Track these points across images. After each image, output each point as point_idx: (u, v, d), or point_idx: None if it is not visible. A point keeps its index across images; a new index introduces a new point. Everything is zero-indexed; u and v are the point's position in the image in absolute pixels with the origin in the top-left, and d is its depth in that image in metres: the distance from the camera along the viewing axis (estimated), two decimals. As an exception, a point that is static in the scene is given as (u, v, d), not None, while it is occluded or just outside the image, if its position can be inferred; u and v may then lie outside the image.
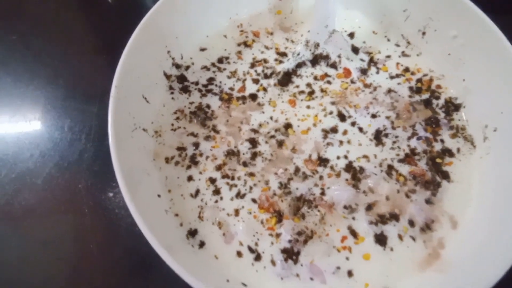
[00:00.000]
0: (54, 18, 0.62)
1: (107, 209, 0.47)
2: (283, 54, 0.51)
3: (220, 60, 0.50)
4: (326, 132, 0.46)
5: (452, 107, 0.48)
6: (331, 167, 0.44)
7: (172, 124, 0.45)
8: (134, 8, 0.63)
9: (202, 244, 0.39)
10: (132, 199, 0.34)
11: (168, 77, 0.46)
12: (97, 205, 0.47)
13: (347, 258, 0.40)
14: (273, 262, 0.39)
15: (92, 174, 0.49)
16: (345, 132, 0.46)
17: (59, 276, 0.44)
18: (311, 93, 0.48)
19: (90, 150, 0.51)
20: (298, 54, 0.50)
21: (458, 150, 0.45)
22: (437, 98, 0.48)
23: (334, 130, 0.46)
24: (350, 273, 0.39)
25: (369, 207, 0.42)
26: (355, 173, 0.43)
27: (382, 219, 0.41)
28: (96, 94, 0.55)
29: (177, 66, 0.48)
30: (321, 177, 0.43)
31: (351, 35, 0.52)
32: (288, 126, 0.46)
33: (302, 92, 0.48)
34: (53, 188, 0.48)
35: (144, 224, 0.33)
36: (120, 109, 0.37)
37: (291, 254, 0.39)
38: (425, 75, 0.50)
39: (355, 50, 0.51)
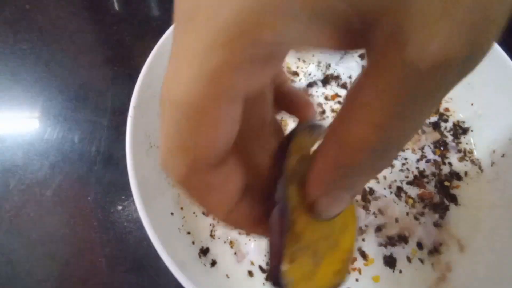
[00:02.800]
0: (64, 28, 0.62)
1: (116, 222, 0.47)
2: (295, 74, 0.51)
3: (233, 78, 0.50)
4: (337, 154, 0.46)
5: (460, 130, 0.49)
6: (342, 188, 0.44)
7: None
8: (141, 16, 0.64)
9: (213, 263, 0.39)
10: (149, 218, 0.34)
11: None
12: (106, 218, 0.47)
13: (357, 280, 0.40)
14: (283, 282, 0.39)
15: (101, 187, 0.49)
16: (356, 154, 0.46)
17: (67, 290, 0.44)
18: (322, 113, 0.49)
19: (100, 163, 0.51)
20: (310, 74, 0.50)
21: (466, 173, 0.46)
22: (445, 121, 0.49)
23: (345, 151, 0.46)
24: (359, 294, 0.39)
25: (378, 229, 0.42)
26: (365, 194, 0.44)
27: (391, 241, 0.42)
28: (106, 106, 0.55)
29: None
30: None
31: (362, 56, 0.53)
32: (299, 145, 0.46)
33: (313, 111, 0.49)
34: (63, 200, 0.48)
35: (159, 243, 0.33)
36: (138, 129, 0.37)
37: None
38: (433, 97, 0.50)
39: (366, 71, 0.51)
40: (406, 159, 0.46)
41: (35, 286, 0.44)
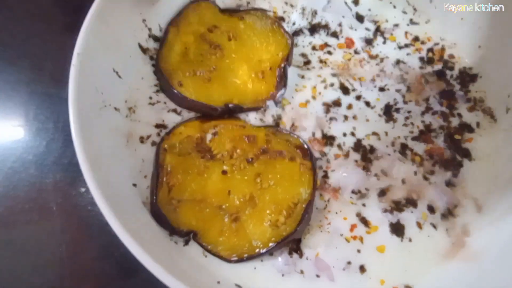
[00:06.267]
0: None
1: (78, 206, 0.41)
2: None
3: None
4: (328, 106, 0.40)
5: (467, 78, 0.43)
6: (338, 146, 0.38)
7: (150, 98, 0.39)
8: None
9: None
10: (101, 190, 0.28)
11: (144, 50, 0.40)
12: (66, 202, 0.41)
13: (359, 251, 0.34)
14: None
15: (61, 167, 0.43)
16: (349, 107, 0.40)
17: (22, 283, 0.38)
18: (307, 63, 0.43)
19: (59, 140, 0.44)
20: (294, 24, 0.44)
21: (478, 124, 0.40)
22: (451, 68, 0.43)
23: (337, 103, 0.40)
24: (362, 268, 0.34)
25: (382, 193, 0.36)
26: (365, 153, 0.38)
27: (398, 206, 0.36)
28: (66, 76, 0.48)
29: (155, 39, 0.41)
30: (327, 159, 0.37)
31: (356, 1, 0.46)
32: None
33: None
34: (16, 184, 0.42)
35: (116, 220, 0.27)
36: (84, 81, 0.31)
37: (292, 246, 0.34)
38: (436, 44, 0.44)
39: (360, 18, 0.45)
40: (409, 112, 0.40)
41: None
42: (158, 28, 0.41)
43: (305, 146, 0.37)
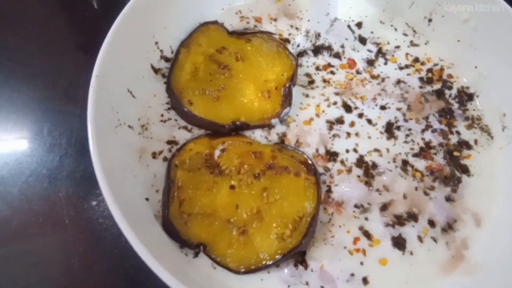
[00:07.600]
0: (33, 15, 0.57)
1: (90, 219, 0.42)
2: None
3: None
4: (331, 124, 0.42)
5: (465, 97, 0.44)
6: (341, 162, 0.40)
7: (162, 115, 0.41)
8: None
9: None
10: (117, 204, 0.29)
11: (156, 70, 0.42)
12: (79, 215, 0.42)
13: (362, 263, 0.35)
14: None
15: (73, 182, 0.44)
16: (352, 124, 0.42)
17: (35, 295, 0.39)
18: (311, 82, 0.44)
19: (72, 155, 0.46)
20: (298, 46, 0.46)
21: (476, 141, 0.42)
22: (450, 88, 0.45)
23: (340, 121, 0.42)
24: (365, 281, 0.35)
25: (384, 207, 0.38)
26: (367, 169, 0.39)
27: (399, 220, 0.37)
28: (78, 94, 0.50)
29: (166, 59, 0.43)
30: (331, 175, 0.39)
31: (359, 25, 0.48)
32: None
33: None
34: (30, 197, 0.43)
35: (131, 232, 0.28)
36: (102, 102, 0.33)
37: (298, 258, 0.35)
38: (435, 64, 0.46)
39: (363, 40, 0.47)
40: (410, 129, 0.42)
41: (-1, 290, 0.39)
42: (169, 50, 0.44)
43: (309, 162, 0.38)
